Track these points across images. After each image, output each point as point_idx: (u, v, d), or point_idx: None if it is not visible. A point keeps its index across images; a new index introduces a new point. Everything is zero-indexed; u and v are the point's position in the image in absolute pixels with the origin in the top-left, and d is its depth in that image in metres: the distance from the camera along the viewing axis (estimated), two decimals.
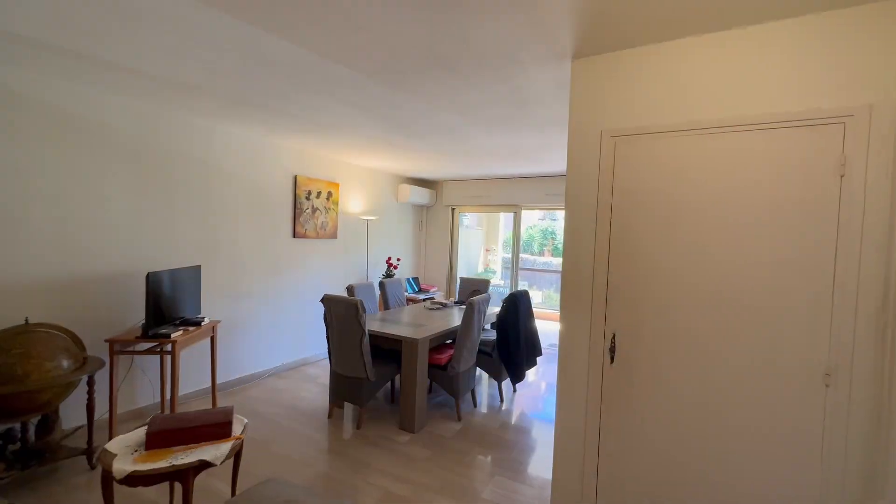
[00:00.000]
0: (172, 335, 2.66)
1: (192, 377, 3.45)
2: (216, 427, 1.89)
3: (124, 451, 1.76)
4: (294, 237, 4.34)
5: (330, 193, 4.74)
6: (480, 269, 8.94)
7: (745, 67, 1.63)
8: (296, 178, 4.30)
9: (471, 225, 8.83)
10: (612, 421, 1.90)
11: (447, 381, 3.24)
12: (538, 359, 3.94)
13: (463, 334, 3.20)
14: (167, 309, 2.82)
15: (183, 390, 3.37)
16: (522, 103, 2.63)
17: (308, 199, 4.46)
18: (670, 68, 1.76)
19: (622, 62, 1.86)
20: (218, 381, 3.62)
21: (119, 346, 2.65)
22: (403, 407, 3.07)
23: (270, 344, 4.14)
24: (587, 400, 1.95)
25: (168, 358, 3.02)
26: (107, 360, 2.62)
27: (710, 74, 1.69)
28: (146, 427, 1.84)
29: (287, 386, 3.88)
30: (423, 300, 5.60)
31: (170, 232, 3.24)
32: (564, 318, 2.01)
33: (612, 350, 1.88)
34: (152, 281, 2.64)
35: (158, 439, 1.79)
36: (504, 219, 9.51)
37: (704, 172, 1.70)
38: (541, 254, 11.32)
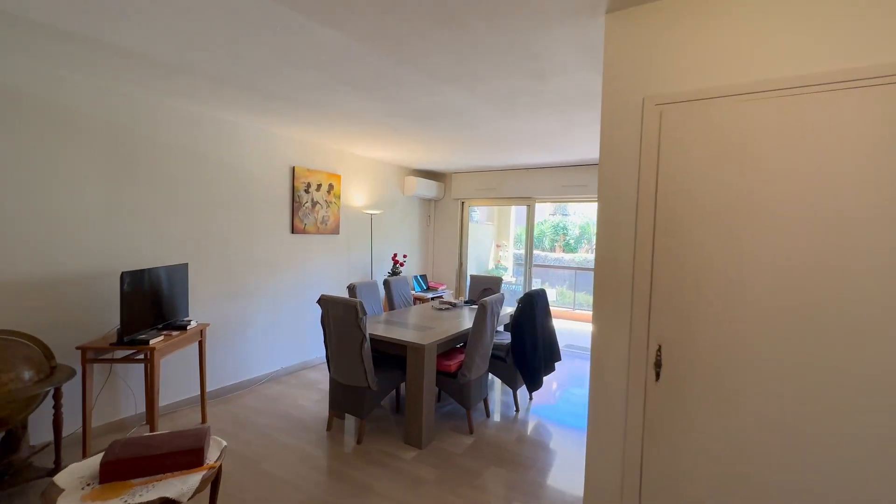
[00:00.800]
0: (151, 342, 2.39)
1: (182, 384, 3.19)
2: (185, 454, 1.61)
3: (74, 486, 1.48)
4: (293, 233, 4.05)
5: (331, 186, 4.45)
6: (491, 265, 8.61)
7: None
8: (294, 169, 4.01)
9: (481, 220, 8.50)
10: (658, 452, 1.57)
11: (457, 390, 2.93)
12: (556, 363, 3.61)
13: (474, 338, 2.88)
14: (148, 312, 2.55)
15: (171, 399, 3.12)
16: (541, 75, 2.29)
17: (307, 191, 4.17)
18: (734, 11, 1.41)
19: (670, 10, 1.51)
20: (211, 388, 3.37)
21: (93, 354, 2.39)
22: (409, 420, 2.77)
23: (268, 347, 3.87)
24: (626, 426, 1.62)
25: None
26: (80, 369, 2.37)
27: (790, 14, 1.34)
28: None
29: (285, 393, 3.61)
30: (432, 299, 5.30)
31: (154, 227, 2.97)
32: (598, 326, 1.68)
33: (658, 365, 1.55)
34: (128, 281, 2.38)
35: (114, 470, 1.51)
36: (515, 213, 9.16)
37: (780, 147, 1.35)
38: (552, 249, 10.95)
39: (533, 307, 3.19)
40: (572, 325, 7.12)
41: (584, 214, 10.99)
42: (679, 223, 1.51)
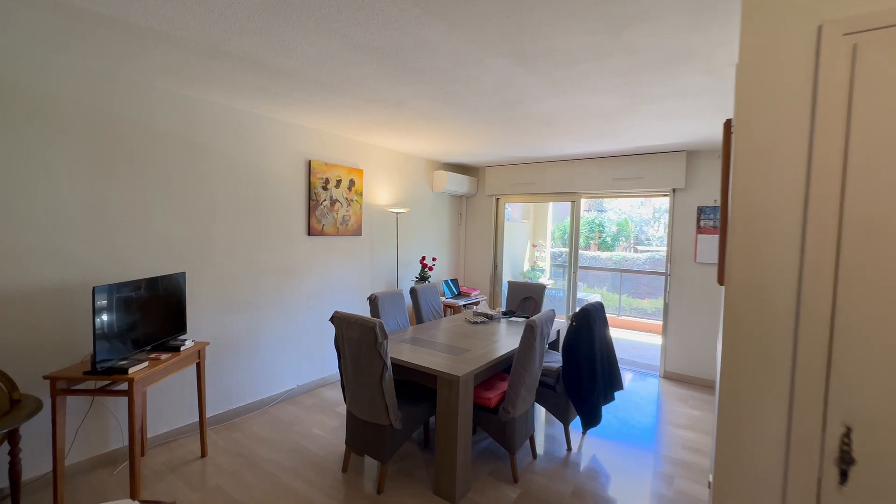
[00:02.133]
0: (130, 370, 1.99)
1: (183, 408, 2.81)
2: None
3: None
4: (309, 235, 3.62)
5: (352, 182, 3.99)
6: (526, 267, 7.97)
7: None
8: (310, 163, 3.58)
9: (516, 217, 7.87)
10: None
11: (498, 430, 2.39)
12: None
13: (520, 367, 2.33)
14: (130, 332, 2.16)
15: (170, 425, 2.75)
16: (615, 25, 1.70)
17: (325, 188, 3.73)
18: None
19: None
20: (217, 412, 3.00)
21: (65, 384, 2.00)
22: (440, 466, 2.25)
23: (281, 364, 3.46)
24: None
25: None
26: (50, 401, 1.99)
27: None
28: None
29: (299, 417, 3.18)
30: (464, 307, 4.78)
31: (145, 231, 2.58)
32: (728, 387, 1.09)
33: (846, 461, 0.95)
34: (102, 296, 1.98)
35: None
36: (553, 209, 8.47)
37: None
38: (587, 247, 10.17)
39: (591, 326, 2.59)
40: (619, 334, 6.41)
41: (621, 210, 10.18)
42: (891, 224, 0.90)
